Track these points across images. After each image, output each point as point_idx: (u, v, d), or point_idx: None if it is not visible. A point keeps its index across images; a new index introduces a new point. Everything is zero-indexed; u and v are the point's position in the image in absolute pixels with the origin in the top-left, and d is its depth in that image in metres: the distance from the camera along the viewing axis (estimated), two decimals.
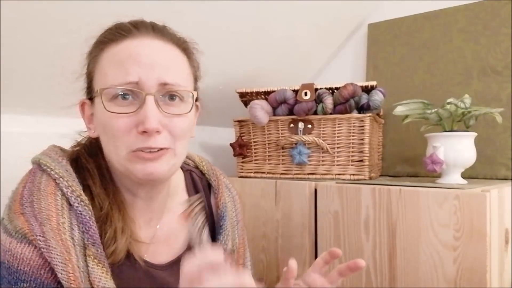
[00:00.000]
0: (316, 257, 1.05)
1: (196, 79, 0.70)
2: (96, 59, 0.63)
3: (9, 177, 0.74)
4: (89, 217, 0.57)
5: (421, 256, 0.89)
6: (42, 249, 0.52)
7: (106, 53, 0.61)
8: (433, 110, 1.06)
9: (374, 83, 1.17)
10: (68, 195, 0.58)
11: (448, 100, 1.05)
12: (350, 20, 1.54)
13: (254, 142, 1.27)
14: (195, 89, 0.69)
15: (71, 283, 0.52)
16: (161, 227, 0.69)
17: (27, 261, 0.53)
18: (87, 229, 0.57)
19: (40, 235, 0.53)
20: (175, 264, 0.66)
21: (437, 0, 1.38)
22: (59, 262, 0.53)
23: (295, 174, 1.21)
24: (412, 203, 0.90)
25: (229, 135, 1.39)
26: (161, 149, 0.59)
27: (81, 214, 0.57)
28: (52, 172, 0.59)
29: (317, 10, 1.37)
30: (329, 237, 1.02)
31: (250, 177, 1.27)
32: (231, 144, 1.29)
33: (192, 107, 0.63)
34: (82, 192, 0.59)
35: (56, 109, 1.13)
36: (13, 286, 0.52)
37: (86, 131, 0.69)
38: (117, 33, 0.62)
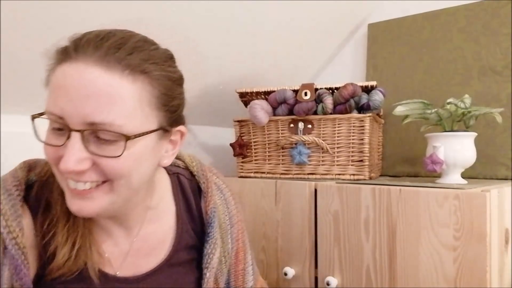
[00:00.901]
0: (316, 257, 1.05)
1: (163, 107, 0.58)
2: (48, 78, 0.57)
3: None
4: (20, 261, 0.54)
5: (421, 256, 0.89)
6: None
7: (53, 74, 0.55)
8: (433, 110, 1.06)
9: (374, 83, 1.17)
10: (3, 235, 0.55)
11: (448, 100, 1.05)
12: (350, 20, 1.54)
13: (254, 142, 1.27)
14: (165, 119, 0.59)
15: None
16: (139, 239, 0.66)
17: None
18: (18, 272, 0.54)
19: None
20: (150, 276, 0.64)
21: (437, 0, 1.38)
22: None
23: (295, 174, 1.21)
24: (412, 203, 0.90)
25: (229, 135, 1.39)
26: (96, 184, 0.54)
27: (13, 257, 0.54)
28: (6, 197, 0.57)
29: (317, 10, 1.37)
30: (329, 237, 1.02)
31: (250, 177, 1.27)
32: (231, 144, 1.29)
33: (123, 151, 0.53)
34: (19, 234, 0.55)
35: None
36: None
37: None
38: (62, 52, 0.55)
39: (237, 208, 0.78)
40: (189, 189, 0.73)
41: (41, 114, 0.56)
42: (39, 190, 0.61)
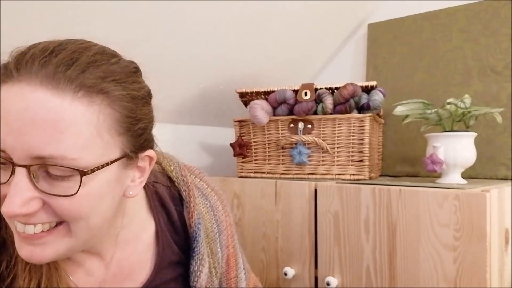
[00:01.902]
0: (316, 257, 1.05)
1: (127, 131, 0.49)
2: None
3: None
4: None
5: (421, 256, 0.89)
6: None
7: None
8: (433, 110, 1.06)
9: (374, 83, 1.17)
10: None
11: (448, 100, 1.05)
12: (350, 20, 1.54)
13: (254, 142, 1.27)
14: (129, 144, 0.50)
15: None
16: (114, 264, 0.59)
17: None
18: None
19: None
20: None
21: (437, 0, 1.38)
22: None
23: (295, 174, 1.21)
24: (412, 203, 0.90)
25: (229, 135, 1.39)
26: (47, 229, 0.46)
27: None
28: None
29: (317, 10, 1.37)
30: (329, 237, 1.02)
31: (250, 177, 1.27)
32: (231, 144, 1.29)
33: (79, 188, 0.45)
34: None
35: None
36: None
37: None
38: (4, 70, 0.45)
39: (225, 212, 0.71)
40: (168, 199, 0.65)
41: None
42: None
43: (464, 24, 1.32)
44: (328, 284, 1.00)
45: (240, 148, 1.27)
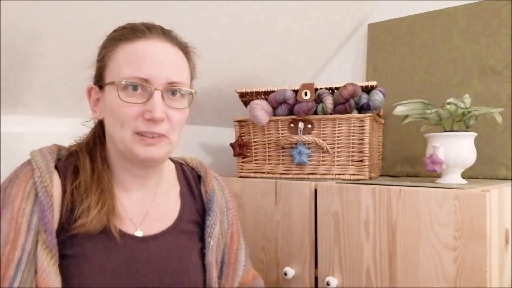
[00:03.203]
0: (316, 257, 1.05)
1: (192, 79, 0.77)
2: (110, 52, 0.70)
3: None
4: (47, 207, 0.64)
5: (421, 256, 0.89)
6: None
7: (121, 49, 0.69)
8: (433, 110, 1.06)
9: (374, 83, 1.17)
10: (37, 184, 0.65)
11: (448, 100, 1.05)
12: (350, 20, 1.54)
13: (254, 142, 1.27)
14: (191, 87, 0.77)
15: (3, 260, 0.61)
16: (154, 205, 0.77)
17: None
18: (44, 217, 0.64)
19: None
20: (159, 237, 0.74)
21: (437, 0, 1.38)
22: (1, 240, 0.61)
23: (295, 174, 1.21)
24: (412, 203, 0.90)
25: (229, 135, 1.39)
26: (160, 135, 0.69)
27: (41, 203, 0.64)
28: (34, 163, 0.67)
29: (317, 10, 1.37)
30: (329, 237, 1.02)
31: (250, 177, 1.27)
32: (231, 144, 1.29)
33: (190, 103, 0.73)
34: (49, 184, 0.66)
35: (56, 109, 1.13)
36: None
37: (88, 121, 0.79)
38: (133, 33, 0.69)
39: (231, 196, 0.88)
40: (190, 176, 0.85)
41: (111, 83, 0.68)
42: (68, 159, 0.72)
43: (464, 24, 1.32)
44: (328, 284, 1.00)
45: (240, 148, 1.27)
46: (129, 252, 0.70)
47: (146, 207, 0.76)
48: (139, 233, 0.72)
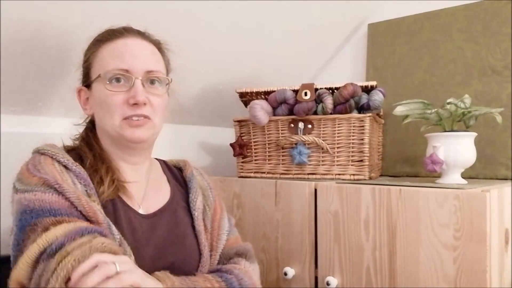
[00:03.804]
0: (316, 257, 1.05)
1: (168, 72, 0.87)
2: (94, 53, 0.80)
3: (9, 177, 0.74)
4: (86, 176, 0.74)
5: (421, 256, 0.89)
6: (62, 193, 0.68)
7: (103, 48, 0.80)
8: (433, 110, 1.06)
9: (374, 83, 1.17)
10: (65, 162, 0.74)
11: (448, 100, 1.05)
12: (350, 20, 1.54)
13: (254, 142, 1.27)
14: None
15: (88, 212, 0.68)
16: (149, 185, 0.86)
17: (58, 203, 0.67)
18: (88, 183, 0.74)
19: (56, 184, 0.68)
20: (158, 213, 0.84)
21: (437, 0, 1.38)
22: (75, 199, 0.68)
23: (295, 174, 1.21)
24: (412, 203, 0.90)
25: (229, 135, 1.39)
26: (145, 117, 0.78)
27: (79, 173, 0.74)
28: (49, 152, 0.74)
29: (317, 10, 1.37)
30: (329, 237, 1.02)
31: (250, 177, 1.27)
32: (231, 144, 1.29)
33: (167, 90, 0.83)
34: (73, 161, 0.75)
35: (55, 109, 1.13)
36: (42, 219, 0.65)
37: (79, 124, 0.87)
38: (112, 34, 0.80)
39: (211, 182, 0.96)
40: (173, 168, 0.96)
41: (97, 77, 0.78)
42: (69, 152, 0.79)
43: (464, 24, 1.32)
44: (328, 284, 1.00)
45: (240, 148, 1.27)
46: (139, 225, 0.79)
47: (142, 191, 0.84)
48: (142, 211, 0.81)
